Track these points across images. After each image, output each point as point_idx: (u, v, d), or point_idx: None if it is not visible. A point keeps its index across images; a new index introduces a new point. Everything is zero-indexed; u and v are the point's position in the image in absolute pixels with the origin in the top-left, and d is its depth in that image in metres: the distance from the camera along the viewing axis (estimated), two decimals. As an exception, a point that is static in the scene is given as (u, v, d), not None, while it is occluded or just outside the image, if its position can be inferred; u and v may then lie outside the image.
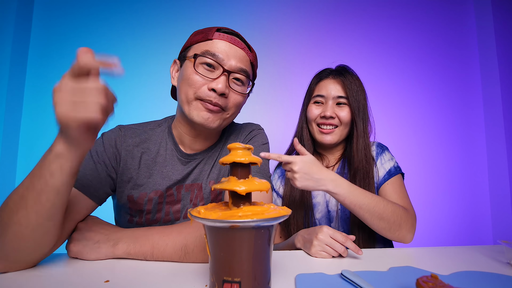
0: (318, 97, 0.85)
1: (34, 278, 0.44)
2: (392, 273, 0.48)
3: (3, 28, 1.47)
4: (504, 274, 0.49)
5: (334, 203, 0.82)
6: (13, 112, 1.50)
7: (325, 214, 0.82)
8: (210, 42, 0.62)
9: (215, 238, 0.35)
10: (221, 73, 0.60)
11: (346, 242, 0.58)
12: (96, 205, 0.61)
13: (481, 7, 1.73)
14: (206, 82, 0.60)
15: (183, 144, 0.69)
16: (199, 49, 0.62)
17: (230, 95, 0.63)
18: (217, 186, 0.37)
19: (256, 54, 0.71)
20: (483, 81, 1.73)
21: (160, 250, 0.51)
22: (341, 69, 0.87)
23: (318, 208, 0.83)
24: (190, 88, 0.61)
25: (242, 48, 0.64)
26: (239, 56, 0.63)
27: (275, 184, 0.90)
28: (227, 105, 0.63)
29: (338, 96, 0.82)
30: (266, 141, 0.74)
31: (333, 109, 0.82)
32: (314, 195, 0.84)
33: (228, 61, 0.61)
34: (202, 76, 0.60)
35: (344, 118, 0.81)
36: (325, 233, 0.59)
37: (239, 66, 0.62)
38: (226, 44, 0.62)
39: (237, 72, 0.63)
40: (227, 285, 0.34)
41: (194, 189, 0.68)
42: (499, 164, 1.62)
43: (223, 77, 0.60)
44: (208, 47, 0.61)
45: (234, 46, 0.62)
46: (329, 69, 0.89)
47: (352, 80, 0.82)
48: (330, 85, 0.84)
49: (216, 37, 0.62)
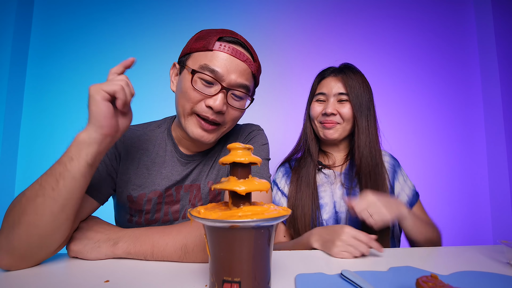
0: (320, 95, 0.85)
1: (34, 278, 0.44)
2: (392, 273, 0.48)
3: (3, 28, 1.47)
4: (504, 274, 0.49)
5: (342, 204, 0.81)
6: (13, 112, 1.50)
7: (332, 215, 0.81)
8: (210, 53, 0.59)
9: (215, 238, 0.35)
10: (219, 89, 0.58)
11: (370, 242, 0.58)
12: (98, 204, 0.62)
13: (481, 7, 1.73)
14: (203, 97, 0.59)
15: (182, 145, 0.69)
16: (198, 62, 0.59)
17: (227, 111, 0.61)
18: (217, 186, 0.37)
19: (257, 55, 0.70)
20: (483, 81, 1.73)
21: (160, 250, 0.51)
22: (343, 67, 0.87)
23: (325, 208, 0.82)
24: (187, 102, 0.60)
25: (245, 60, 0.60)
26: (239, 70, 0.59)
27: (279, 182, 0.88)
28: (224, 120, 0.62)
29: (339, 93, 0.82)
30: (266, 141, 0.74)
31: (334, 106, 0.82)
32: (321, 196, 0.83)
33: (228, 77, 0.58)
34: (200, 93, 0.58)
35: (346, 114, 0.81)
36: (348, 234, 0.58)
37: (239, 82, 0.60)
38: (227, 57, 0.58)
39: (236, 89, 0.60)
40: (227, 285, 0.34)
41: (193, 189, 0.68)
42: (499, 164, 1.62)
43: (221, 95, 0.58)
44: (207, 61, 0.58)
45: (235, 59, 0.59)
46: (332, 67, 0.89)
47: (354, 77, 0.82)
48: (331, 82, 0.84)
49: (217, 48, 0.58)
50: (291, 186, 0.85)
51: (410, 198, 0.83)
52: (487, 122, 1.71)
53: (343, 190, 0.83)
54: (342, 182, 0.84)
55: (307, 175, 0.83)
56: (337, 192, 0.83)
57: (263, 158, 0.70)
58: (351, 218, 0.79)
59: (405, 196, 0.83)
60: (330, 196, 0.83)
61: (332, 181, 0.85)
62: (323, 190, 0.84)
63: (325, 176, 0.86)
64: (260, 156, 0.69)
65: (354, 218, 0.78)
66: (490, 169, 1.68)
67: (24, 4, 1.54)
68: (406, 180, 0.87)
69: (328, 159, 0.89)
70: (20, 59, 1.54)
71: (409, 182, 0.87)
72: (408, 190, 0.85)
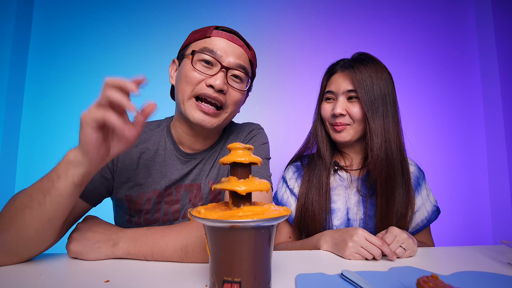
0: (329, 93, 0.78)
1: (35, 278, 0.44)
2: (393, 273, 0.48)
3: (3, 28, 1.47)
4: (504, 274, 0.49)
5: (355, 211, 0.75)
6: (13, 112, 1.50)
7: (344, 221, 0.75)
8: (208, 39, 0.62)
9: (215, 238, 0.35)
10: (219, 69, 0.60)
11: (383, 246, 0.56)
12: (90, 206, 0.61)
13: (481, 7, 1.73)
14: (204, 78, 0.60)
15: (182, 144, 0.69)
16: (197, 47, 0.62)
17: (228, 92, 0.62)
18: (217, 186, 0.37)
19: (256, 53, 0.71)
20: (483, 81, 1.73)
21: (160, 250, 0.51)
22: (354, 59, 0.78)
23: (337, 214, 0.75)
24: (187, 86, 0.61)
25: (241, 46, 0.64)
26: (237, 53, 0.63)
27: (289, 181, 0.83)
28: (225, 102, 0.62)
29: (348, 90, 0.74)
30: (266, 140, 0.74)
31: (344, 106, 0.74)
32: (334, 200, 0.77)
33: (227, 58, 0.61)
34: (200, 73, 0.60)
35: (356, 114, 0.73)
36: (360, 235, 0.57)
37: (238, 63, 0.62)
38: (225, 41, 0.62)
39: (236, 69, 0.62)
40: (227, 285, 0.34)
41: (193, 189, 0.68)
42: (499, 164, 1.62)
43: (221, 74, 0.60)
44: (206, 44, 0.61)
45: (232, 43, 0.63)
46: (343, 60, 0.80)
47: (364, 70, 0.72)
48: (339, 79, 0.76)
49: (215, 35, 0.62)
50: (301, 186, 0.79)
51: (429, 215, 0.78)
52: (487, 122, 1.71)
53: (359, 197, 0.76)
54: (359, 188, 0.77)
55: (318, 178, 0.77)
56: (352, 198, 0.76)
57: (263, 157, 0.70)
58: (364, 227, 0.75)
59: (425, 212, 0.77)
60: (344, 202, 0.76)
61: (348, 186, 0.78)
62: (336, 193, 0.77)
63: (340, 179, 0.79)
64: (260, 155, 0.69)
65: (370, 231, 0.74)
66: (490, 169, 1.68)
67: (24, 4, 1.54)
68: (429, 195, 0.80)
69: (344, 160, 0.82)
70: (20, 59, 1.54)
71: (431, 197, 0.81)
72: (430, 205, 0.79)
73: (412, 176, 0.79)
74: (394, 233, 0.59)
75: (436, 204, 0.81)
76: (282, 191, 0.83)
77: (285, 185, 0.83)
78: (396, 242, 0.58)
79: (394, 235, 0.58)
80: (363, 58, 0.78)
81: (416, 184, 0.79)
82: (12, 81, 1.49)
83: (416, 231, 0.78)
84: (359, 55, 0.81)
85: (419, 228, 0.78)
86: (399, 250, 0.57)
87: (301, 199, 0.77)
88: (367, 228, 0.74)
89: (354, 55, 0.82)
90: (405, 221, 0.73)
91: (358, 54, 0.81)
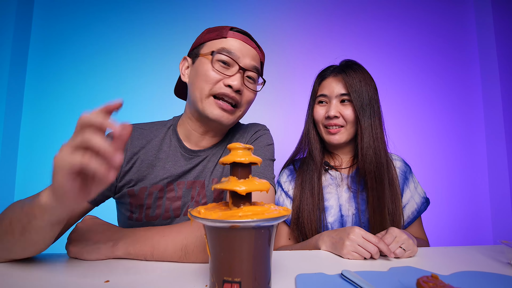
0: (322, 96, 0.83)
1: (34, 278, 0.44)
2: (393, 273, 0.48)
3: (3, 28, 1.47)
4: (504, 274, 0.49)
5: (347, 207, 0.79)
6: (13, 112, 1.50)
7: (338, 218, 0.79)
8: (224, 40, 0.64)
9: (215, 238, 0.35)
10: (237, 70, 0.63)
11: (379, 243, 0.56)
12: (92, 206, 0.61)
13: (481, 7, 1.73)
14: (221, 78, 0.63)
15: (189, 140, 0.70)
16: (215, 47, 0.64)
17: (244, 92, 0.65)
18: (217, 186, 0.37)
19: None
20: (483, 81, 1.73)
21: (160, 251, 0.51)
22: (343, 65, 0.84)
23: (330, 211, 0.79)
24: (206, 84, 0.63)
25: (254, 48, 0.67)
26: (252, 54, 0.66)
27: (284, 184, 0.87)
28: (241, 101, 0.65)
29: (341, 94, 0.80)
30: (271, 142, 0.74)
31: (337, 108, 0.80)
32: (327, 198, 0.81)
33: (243, 59, 0.64)
34: (219, 73, 0.62)
35: (349, 116, 0.79)
36: (357, 234, 0.58)
37: (253, 64, 0.65)
38: (240, 42, 0.65)
39: (251, 70, 0.65)
40: (227, 285, 0.34)
41: (196, 186, 0.68)
42: (499, 164, 1.62)
43: (239, 74, 0.63)
44: (223, 45, 0.63)
45: (247, 45, 0.65)
46: (332, 66, 0.87)
47: (355, 75, 0.79)
48: (332, 83, 0.82)
49: (231, 36, 0.64)
50: (295, 188, 0.83)
51: (419, 206, 0.82)
52: (487, 122, 1.71)
53: (350, 194, 0.81)
54: (349, 185, 0.82)
55: (310, 179, 0.81)
56: (344, 195, 0.81)
57: (267, 158, 0.70)
58: (357, 222, 0.78)
59: (414, 204, 0.82)
60: (336, 199, 0.81)
61: (338, 184, 0.83)
62: (328, 192, 0.82)
63: (331, 178, 0.84)
64: (264, 156, 0.69)
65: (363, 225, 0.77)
66: (490, 169, 1.68)
67: (24, 4, 1.54)
68: (417, 187, 0.85)
69: (334, 160, 0.87)
70: (20, 59, 1.54)
71: (420, 189, 0.85)
72: (418, 197, 0.83)
73: (399, 171, 0.84)
74: (394, 234, 0.59)
75: (425, 196, 0.85)
76: (277, 194, 0.86)
77: (280, 189, 0.87)
78: (396, 243, 0.58)
79: (393, 236, 0.59)
80: (351, 64, 0.84)
81: (404, 178, 0.84)
82: (12, 81, 1.49)
83: (408, 224, 0.82)
84: (346, 62, 0.86)
85: (410, 221, 0.81)
86: (398, 251, 0.57)
87: (296, 201, 0.81)
88: (360, 222, 0.78)
89: (342, 62, 0.87)
90: (398, 214, 0.77)
91: (346, 61, 0.87)
